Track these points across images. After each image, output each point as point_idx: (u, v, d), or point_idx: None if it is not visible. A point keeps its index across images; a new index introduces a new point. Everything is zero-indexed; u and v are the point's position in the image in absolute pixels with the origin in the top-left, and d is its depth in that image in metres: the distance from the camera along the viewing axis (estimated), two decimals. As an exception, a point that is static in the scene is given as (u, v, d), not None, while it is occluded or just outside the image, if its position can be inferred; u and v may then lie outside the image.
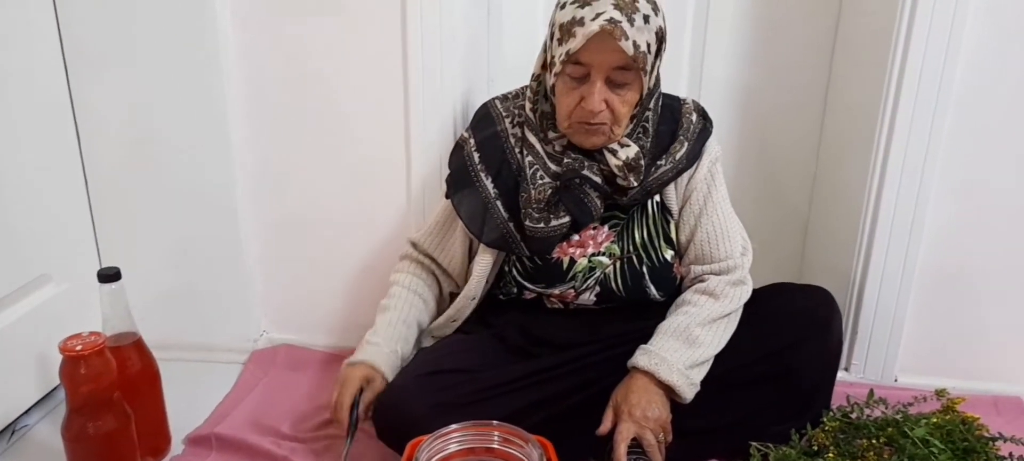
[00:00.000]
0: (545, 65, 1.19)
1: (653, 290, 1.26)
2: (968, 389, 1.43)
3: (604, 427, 1.15)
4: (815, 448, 1.17)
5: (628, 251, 1.25)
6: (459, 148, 1.29)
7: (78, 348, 1.07)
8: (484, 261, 1.27)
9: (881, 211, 1.44)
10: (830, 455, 1.13)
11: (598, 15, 1.06)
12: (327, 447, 1.30)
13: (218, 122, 1.49)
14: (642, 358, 1.17)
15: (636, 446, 1.17)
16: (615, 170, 1.18)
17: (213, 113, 1.49)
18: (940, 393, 1.25)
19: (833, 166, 1.64)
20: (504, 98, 1.30)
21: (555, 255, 1.24)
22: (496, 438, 0.83)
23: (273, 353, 1.62)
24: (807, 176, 1.71)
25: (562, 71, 1.12)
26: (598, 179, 1.19)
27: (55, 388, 1.45)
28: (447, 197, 1.29)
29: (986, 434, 1.19)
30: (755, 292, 1.29)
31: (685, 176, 1.25)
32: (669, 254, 1.26)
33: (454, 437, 0.82)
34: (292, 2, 1.43)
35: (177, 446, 1.32)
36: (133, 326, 1.23)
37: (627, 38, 1.06)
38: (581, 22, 1.07)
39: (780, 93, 1.66)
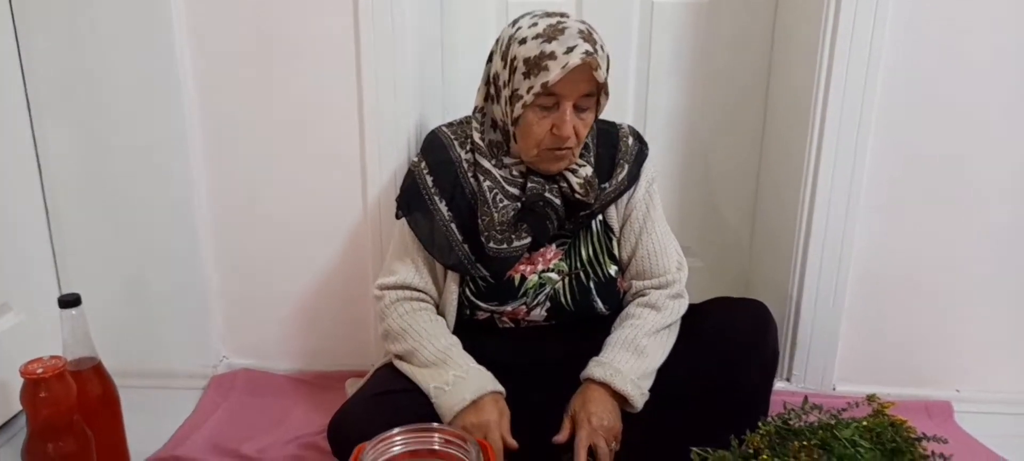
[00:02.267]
0: (489, 97, 1.26)
1: (600, 304, 1.32)
2: (902, 395, 1.52)
3: (562, 436, 1.21)
4: (751, 451, 1.23)
5: (576, 267, 1.32)
6: (410, 172, 1.32)
7: (39, 371, 1.09)
8: (452, 289, 1.31)
9: (813, 229, 1.53)
10: (764, 456, 1.19)
11: (572, 48, 1.12)
12: (287, 468, 1.33)
13: (178, 154, 1.53)
14: (597, 370, 1.23)
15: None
16: (577, 188, 1.24)
17: (173, 145, 1.53)
18: (871, 398, 1.32)
19: (770, 189, 1.73)
20: (450, 125, 1.35)
21: (507, 274, 1.29)
22: (437, 440, 0.88)
23: (233, 378, 1.65)
24: (748, 198, 1.80)
25: (533, 103, 1.17)
26: (558, 201, 1.25)
27: (15, 416, 1.46)
28: (398, 217, 1.32)
29: (913, 435, 1.27)
30: (695, 306, 1.36)
31: (625, 196, 1.32)
32: (613, 270, 1.33)
33: (397, 440, 0.87)
34: (251, 42, 1.48)
35: (137, 471, 1.34)
36: (93, 351, 1.26)
37: (599, 67, 1.14)
38: (553, 56, 1.12)
39: (720, 122, 1.75)
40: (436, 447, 0.87)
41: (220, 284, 1.65)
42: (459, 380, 1.18)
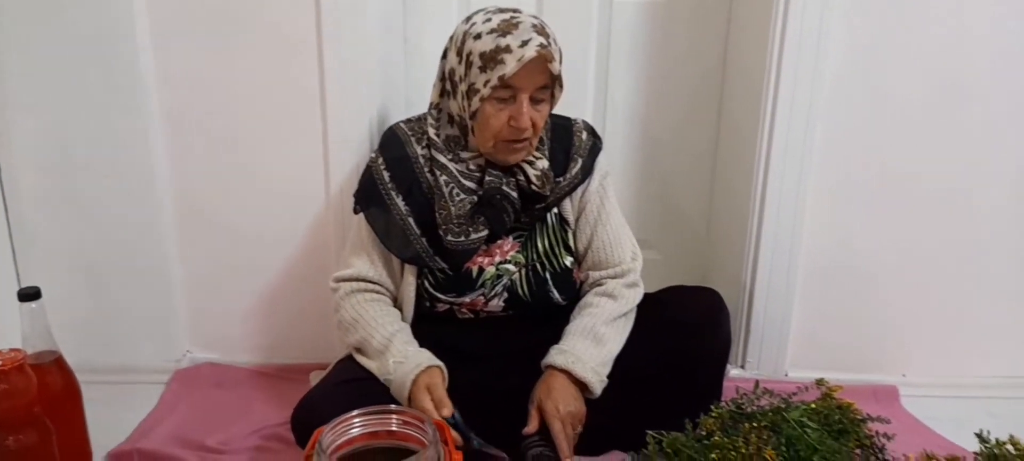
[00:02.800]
0: (444, 92, 1.29)
1: (556, 294, 1.35)
2: (851, 380, 1.57)
3: (531, 427, 1.24)
4: (704, 434, 1.27)
5: (532, 259, 1.35)
6: (368, 168, 1.34)
7: (-2, 363, 1.09)
8: (409, 282, 1.34)
9: (765, 221, 1.59)
10: (716, 438, 1.23)
11: (527, 42, 1.16)
12: (250, 459, 1.34)
13: (140, 146, 1.54)
14: (558, 357, 1.27)
15: (541, 440, 1.26)
16: (534, 180, 1.28)
17: (134, 138, 1.53)
18: (820, 382, 1.38)
19: (725, 182, 1.79)
20: (408, 121, 1.37)
21: (465, 265, 1.33)
22: (395, 421, 0.90)
23: (197, 371, 1.65)
24: (704, 191, 1.85)
25: (491, 96, 1.20)
26: (515, 194, 1.29)
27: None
28: (356, 212, 1.34)
29: (859, 417, 1.33)
30: (651, 295, 1.40)
31: (580, 190, 1.36)
32: (569, 261, 1.37)
33: (356, 422, 0.89)
34: (211, 31, 1.49)
35: (99, 462, 1.34)
36: (53, 345, 1.25)
37: (554, 59, 1.18)
38: (509, 49, 1.16)
39: (677, 117, 1.80)
40: (394, 428, 0.89)
41: (183, 278, 1.66)
42: (399, 366, 1.22)
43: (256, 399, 1.56)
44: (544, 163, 1.30)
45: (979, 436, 1.12)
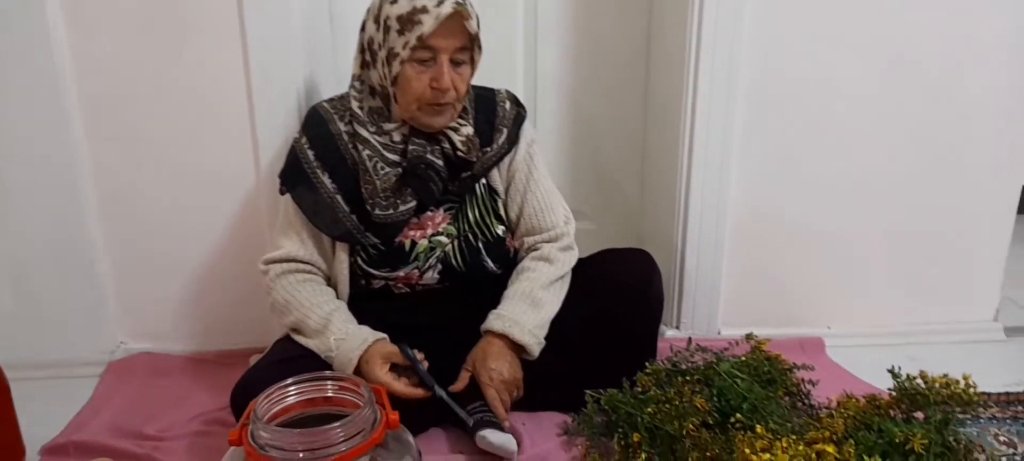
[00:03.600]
0: (365, 64, 1.29)
1: (490, 263, 1.38)
2: (780, 335, 1.65)
3: (459, 385, 1.28)
4: (640, 390, 1.32)
5: (464, 230, 1.37)
6: (293, 149, 1.34)
7: (-83, 360, 1.06)
8: (342, 259, 1.34)
9: (692, 187, 1.64)
10: (652, 393, 1.28)
11: (442, 1, 1.18)
12: (191, 444, 1.33)
13: (60, 135, 1.49)
14: (496, 322, 1.30)
15: (483, 406, 1.29)
16: (459, 145, 1.29)
17: (55, 127, 1.49)
18: (749, 337, 1.44)
19: (655, 149, 1.83)
20: (330, 101, 1.37)
21: (397, 239, 1.33)
22: (330, 386, 0.91)
23: (132, 362, 1.62)
24: (635, 159, 1.90)
25: (410, 58, 1.21)
26: (440, 163, 1.30)
27: None
28: (282, 193, 1.34)
29: (786, 366, 1.39)
30: (584, 259, 1.44)
31: (507, 159, 1.39)
32: (500, 230, 1.39)
33: (291, 390, 0.90)
34: (129, 12, 1.45)
35: (32, 458, 1.30)
36: (-23, 339, 1.22)
37: (470, 17, 1.20)
38: (425, 9, 1.18)
39: (606, 86, 1.84)
40: (330, 394, 0.90)
41: (111, 268, 1.62)
42: (341, 342, 1.23)
43: (195, 386, 1.54)
44: (469, 129, 1.32)
45: (891, 372, 1.19)
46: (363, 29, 1.29)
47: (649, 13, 1.76)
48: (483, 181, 1.39)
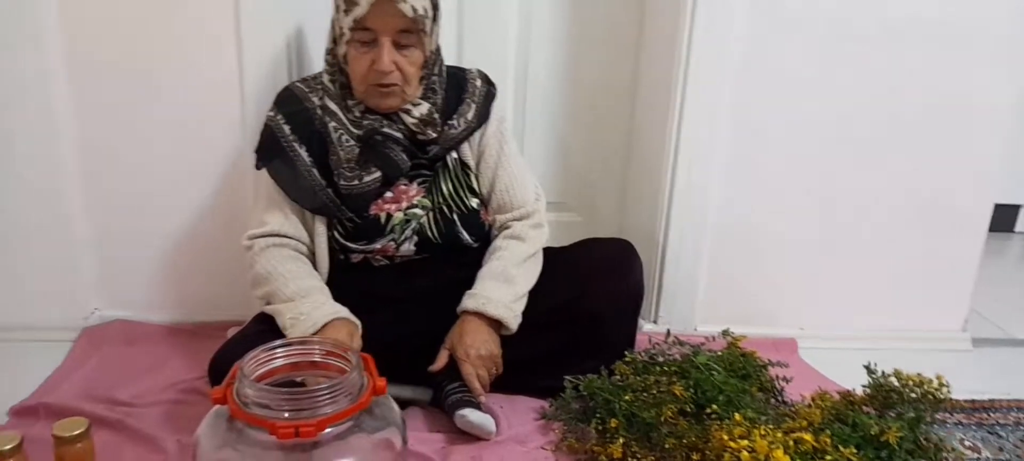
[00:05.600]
0: (334, 39, 1.30)
1: (465, 235, 1.39)
2: (754, 334, 1.66)
3: (437, 365, 1.30)
4: (619, 378, 1.33)
5: (438, 202, 1.38)
6: (268, 125, 1.34)
7: None
8: (321, 233, 1.34)
9: (677, 185, 1.67)
10: (631, 379, 1.30)
11: None
12: (165, 412, 1.31)
13: (42, 97, 1.48)
14: (470, 301, 1.31)
15: (461, 386, 1.30)
16: (412, 126, 1.31)
17: (37, 88, 1.47)
18: (725, 333, 1.46)
19: (640, 150, 1.85)
20: (304, 80, 1.38)
21: (372, 212, 1.34)
22: (318, 351, 0.91)
23: (106, 329, 1.60)
24: (621, 157, 1.91)
25: (352, 39, 1.23)
26: (398, 134, 1.31)
27: None
28: (258, 167, 1.34)
29: (760, 363, 1.42)
30: (566, 246, 1.46)
31: (477, 134, 1.41)
32: (474, 202, 1.40)
33: (279, 353, 0.89)
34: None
35: (0, 418, 1.28)
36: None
37: (406, 1, 1.20)
38: None
39: (595, 85, 1.85)
40: (317, 359, 0.90)
41: (90, 232, 1.59)
42: (315, 309, 1.24)
43: (171, 355, 1.52)
44: (423, 108, 1.32)
45: (867, 368, 1.22)
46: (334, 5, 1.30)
47: (641, 11, 1.78)
48: (454, 155, 1.40)
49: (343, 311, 1.27)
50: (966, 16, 1.61)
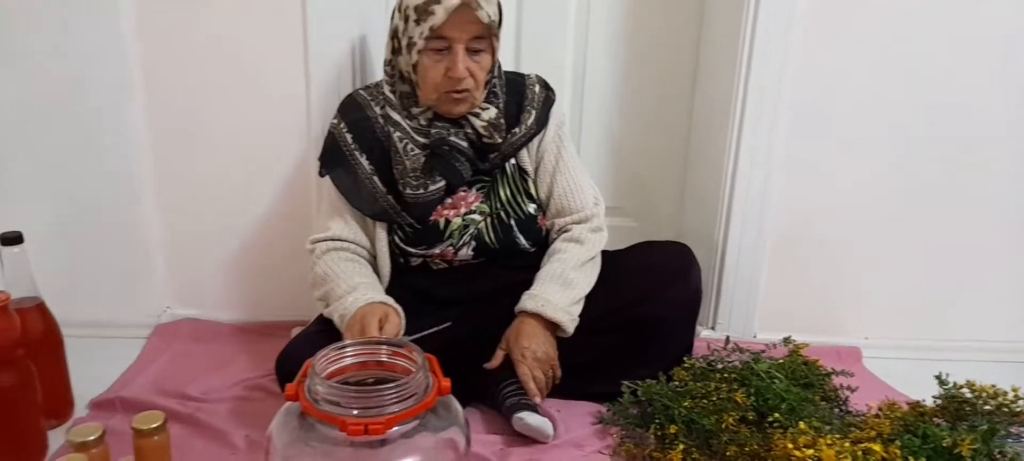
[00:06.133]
0: (395, 50, 1.32)
1: (522, 240, 1.40)
2: (816, 342, 1.63)
3: (494, 363, 1.32)
4: (677, 384, 1.32)
5: (496, 208, 1.39)
6: (331, 133, 1.39)
7: (-19, 304, 1.10)
8: (381, 238, 1.38)
9: (736, 190, 1.66)
10: (690, 385, 1.29)
11: None
12: (233, 408, 1.36)
13: (120, 103, 1.54)
14: (529, 302, 1.32)
15: (517, 388, 1.31)
16: (481, 130, 1.33)
17: (115, 93, 1.53)
18: (787, 340, 1.44)
19: (699, 153, 1.83)
20: (366, 88, 1.42)
21: (432, 218, 1.37)
22: (385, 351, 0.93)
23: (177, 327, 1.67)
24: (679, 161, 1.89)
25: (425, 48, 1.25)
26: (464, 144, 1.33)
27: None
28: (322, 175, 1.39)
29: (824, 371, 1.39)
30: (622, 249, 1.47)
31: (536, 140, 1.42)
32: (532, 208, 1.42)
33: (348, 351, 0.92)
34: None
35: (81, 411, 1.34)
36: (36, 291, 1.26)
37: (482, 8, 1.23)
38: (438, 0, 1.21)
39: (653, 90, 1.84)
40: (383, 359, 0.92)
41: (162, 234, 1.66)
42: (355, 301, 1.26)
43: (238, 353, 1.58)
44: (491, 113, 1.34)
45: (938, 378, 1.18)
46: (393, 16, 1.33)
47: (700, 12, 1.76)
48: (512, 161, 1.42)
49: (381, 298, 1.29)
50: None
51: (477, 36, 1.26)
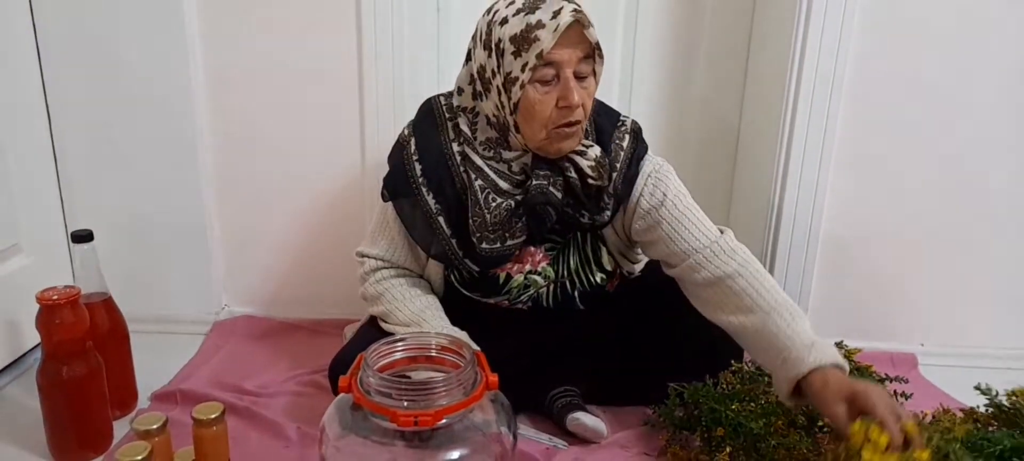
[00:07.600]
0: (476, 94, 1.20)
1: (580, 305, 1.33)
2: (869, 348, 1.61)
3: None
4: (725, 387, 1.31)
5: (562, 275, 1.30)
6: (400, 148, 1.27)
7: (54, 297, 1.15)
8: (436, 272, 1.34)
9: (787, 192, 1.63)
10: (738, 388, 1.28)
11: (559, 11, 1.08)
12: (288, 404, 1.40)
13: (184, 108, 1.60)
14: (822, 356, 1.08)
15: (568, 389, 1.31)
16: (588, 171, 1.18)
17: (180, 99, 1.59)
18: (839, 345, 1.41)
19: (748, 153, 1.82)
20: (448, 96, 1.28)
21: (493, 270, 1.28)
22: (434, 346, 0.95)
23: (234, 324, 1.73)
24: (728, 162, 1.88)
25: (532, 79, 1.10)
26: (559, 195, 1.19)
27: (24, 354, 1.52)
28: (384, 199, 1.29)
29: (877, 377, 1.36)
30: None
31: (624, 208, 1.28)
32: (600, 278, 1.32)
33: (399, 346, 0.94)
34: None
35: (144, 402, 1.40)
36: (104, 287, 1.32)
37: (591, 25, 1.10)
38: (541, 24, 1.08)
39: (701, 87, 1.83)
40: (433, 354, 0.95)
41: (221, 233, 1.72)
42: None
43: (291, 349, 1.62)
44: (596, 150, 1.19)
45: (978, 389, 1.15)
46: (469, 59, 1.21)
47: (750, 16, 1.75)
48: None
49: (450, 330, 1.25)
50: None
51: (585, 57, 1.11)
